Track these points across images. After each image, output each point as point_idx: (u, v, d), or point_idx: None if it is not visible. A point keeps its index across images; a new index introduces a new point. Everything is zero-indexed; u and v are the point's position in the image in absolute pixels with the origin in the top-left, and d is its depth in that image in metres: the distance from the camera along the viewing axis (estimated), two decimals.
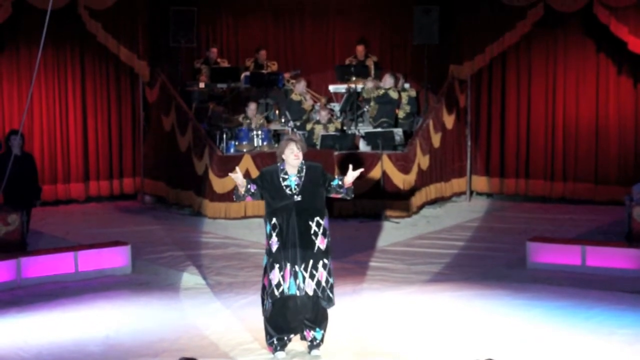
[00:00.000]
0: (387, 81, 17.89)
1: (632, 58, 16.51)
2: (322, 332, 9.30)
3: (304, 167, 9.35)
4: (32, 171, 14.28)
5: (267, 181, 9.22)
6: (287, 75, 18.88)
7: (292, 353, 9.40)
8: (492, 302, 11.20)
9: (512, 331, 10.12)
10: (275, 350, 9.21)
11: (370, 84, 18.09)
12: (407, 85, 18.59)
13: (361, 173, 16.63)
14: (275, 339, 9.22)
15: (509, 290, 11.82)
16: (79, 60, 18.32)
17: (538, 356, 9.24)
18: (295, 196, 9.16)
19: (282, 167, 9.30)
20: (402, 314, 10.90)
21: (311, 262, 9.04)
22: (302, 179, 9.26)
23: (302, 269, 9.01)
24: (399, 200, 16.74)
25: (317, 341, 9.28)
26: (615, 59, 17.17)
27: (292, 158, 9.20)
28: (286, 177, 9.24)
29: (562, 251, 12.75)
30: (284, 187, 9.18)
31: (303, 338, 9.34)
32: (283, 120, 17.91)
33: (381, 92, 17.79)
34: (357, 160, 16.90)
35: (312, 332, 9.25)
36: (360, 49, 19.20)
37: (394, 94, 17.76)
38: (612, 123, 17.41)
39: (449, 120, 18.21)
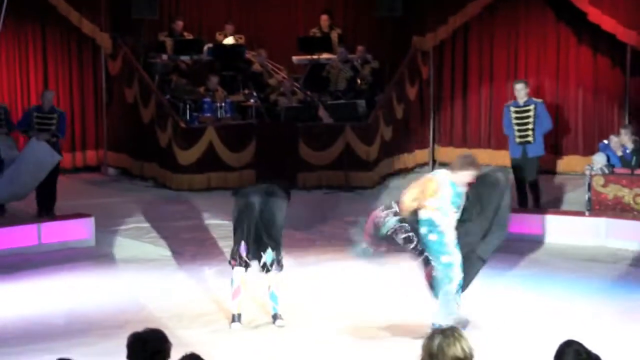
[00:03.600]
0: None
1: (591, 28, 16.58)
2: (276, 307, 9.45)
3: None
4: None
5: None
6: (249, 55, 18.76)
7: (254, 323, 9.48)
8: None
9: (473, 297, 10.23)
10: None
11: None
12: (369, 57, 18.59)
13: (325, 144, 16.77)
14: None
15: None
16: (40, 33, 18.14)
17: (500, 319, 9.39)
18: None
19: None
20: (364, 282, 10.98)
21: None
22: None
23: None
24: (362, 172, 16.80)
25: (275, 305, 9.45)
26: (576, 29, 17.23)
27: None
28: None
29: (523, 220, 12.83)
30: None
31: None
32: (246, 92, 17.87)
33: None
34: (320, 131, 16.97)
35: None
36: (324, 18, 19.10)
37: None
38: (572, 92, 17.52)
39: (412, 92, 18.25)
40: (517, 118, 14.20)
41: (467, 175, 9.00)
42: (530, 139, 14.05)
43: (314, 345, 8.81)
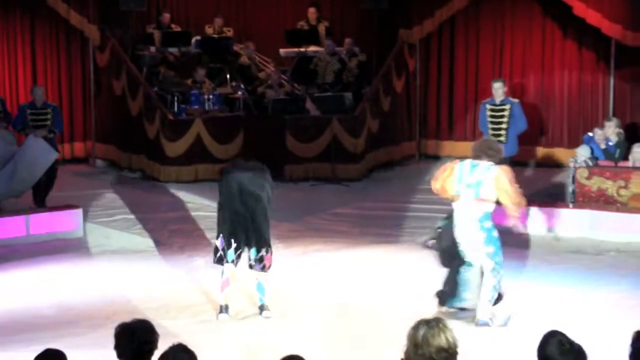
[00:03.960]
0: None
1: (576, 22, 16.64)
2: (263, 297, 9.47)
3: None
4: None
5: None
6: (237, 47, 18.76)
7: (241, 315, 9.51)
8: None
9: None
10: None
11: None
12: (357, 50, 18.61)
13: (312, 136, 16.79)
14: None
15: None
16: (28, 25, 18.09)
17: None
18: None
19: None
20: (351, 273, 11.02)
21: None
22: None
23: None
24: (349, 164, 16.83)
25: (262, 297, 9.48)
26: (561, 23, 17.29)
27: None
28: None
29: (504, 212, 12.83)
30: None
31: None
32: (234, 84, 17.88)
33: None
34: (308, 124, 16.98)
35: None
36: (312, 11, 19.11)
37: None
38: (557, 86, 17.58)
39: (399, 85, 18.28)
40: (492, 116, 14.02)
41: None
42: (502, 138, 13.68)
43: (300, 335, 8.84)
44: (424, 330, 4.99)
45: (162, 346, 5.15)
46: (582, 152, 13.89)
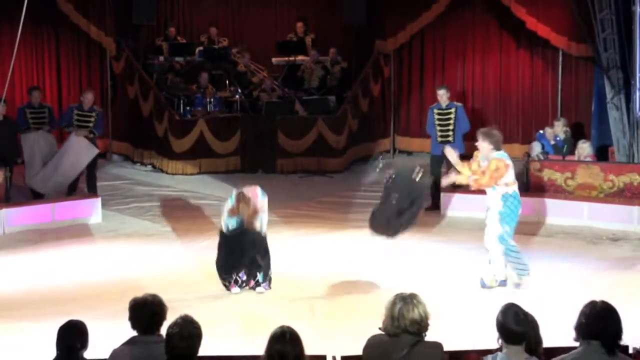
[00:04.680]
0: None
1: (528, 35, 16.63)
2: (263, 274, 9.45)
3: None
4: (12, 133, 14.02)
5: None
6: (234, 51, 18.71)
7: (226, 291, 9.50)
8: (414, 243, 11.29)
9: (429, 265, 10.31)
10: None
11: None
12: (339, 58, 18.56)
13: (300, 134, 16.74)
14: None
15: (428, 234, 11.98)
16: (54, 38, 18.03)
17: (453, 282, 9.47)
18: None
19: None
20: (335, 253, 11.01)
21: None
22: None
23: None
24: (333, 158, 16.81)
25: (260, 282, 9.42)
26: (515, 35, 17.26)
27: None
28: None
29: (470, 201, 12.86)
30: None
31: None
32: (232, 89, 17.82)
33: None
34: (296, 123, 16.94)
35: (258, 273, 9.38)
36: (299, 25, 19.04)
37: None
38: (513, 90, 17.57)
39: (375, 89, 18.25)
40: (439, 119, 13.72)
41: None
42: (450, 138, 13.52)
43: (290, 308, 8.82)
44: (400, 305, 5.00)
45: (170, 318, 5.13)
46: (535, 147, 13.93)
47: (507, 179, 9.31)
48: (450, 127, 13.68)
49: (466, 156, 10.13)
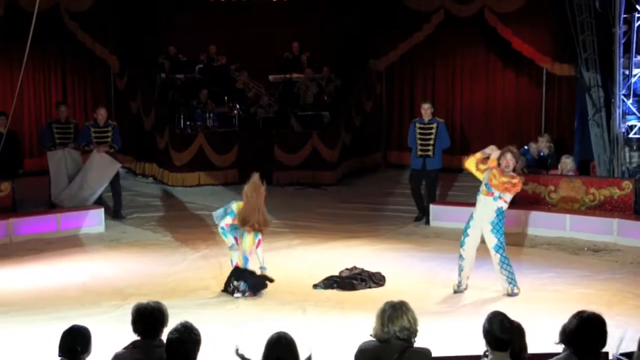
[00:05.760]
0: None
1: (514, 55, 16.69)
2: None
3: None
4: (16, 145, 13.98)
5: None
6: (233, 68, 18.74)
7: (223, 298, 9.48)
8: (401, 254, 11.34)
9: (417, 275, 10.30)
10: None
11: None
12: (333, 76, 18.60)
13: (295, 148, 16.70)
14: None
15: (415, 245, 11.99)
16: (60, 55, 18.11)
17: (441, 291, 9.46)
18: None
19: None
20: (328, 261, 10.99)
21: None
22: None
23: None
24: (327, 171, 16.83)
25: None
26: (502, 55, 17.35)
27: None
28: None
29: (458, 213, 12.85)
30: None
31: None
32: (230, 104, 17.83)
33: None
34: (292, 137, 16.96)
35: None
36: (295, 45, 19.11)
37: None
38: (499, 106, 17.65)
39: (368, 105, 18.31)
40: (420, 134, 13.50)
41: None
42: (430, 153, 13.38)
43: (284, 314, 8.81)
44: (389, 312, 5.02)
45: (172, 323, 5.13)
46: (520, 162, 13.91)
47: (509, 198, 9.38)
48: (431, 142, 13.47)
49: (446, 170, 10.10)
